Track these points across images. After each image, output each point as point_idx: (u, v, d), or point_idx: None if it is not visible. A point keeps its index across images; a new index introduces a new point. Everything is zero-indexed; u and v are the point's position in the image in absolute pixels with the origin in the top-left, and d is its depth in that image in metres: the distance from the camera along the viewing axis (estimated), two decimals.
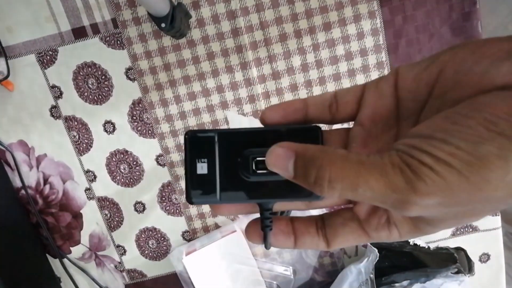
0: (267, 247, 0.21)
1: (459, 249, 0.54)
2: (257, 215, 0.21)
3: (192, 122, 0.56)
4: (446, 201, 0.15)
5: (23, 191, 0.60)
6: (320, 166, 0.16)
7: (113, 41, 0.53)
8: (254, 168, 0.20)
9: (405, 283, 0.54)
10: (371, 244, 0.55)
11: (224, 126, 0.56)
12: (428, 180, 0.15)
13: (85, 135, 0.57)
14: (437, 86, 0.18)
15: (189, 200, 0.20)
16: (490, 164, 0.14)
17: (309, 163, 0.17)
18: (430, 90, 0.18)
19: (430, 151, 0.15)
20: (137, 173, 0.59)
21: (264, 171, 0.20)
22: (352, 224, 0.21)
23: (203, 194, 0.21)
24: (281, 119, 0.21)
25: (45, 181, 0.60)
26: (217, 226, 0.62)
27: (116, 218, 0.61)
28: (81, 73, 0.55)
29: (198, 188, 0.20)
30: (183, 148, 0.20)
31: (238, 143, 0.20)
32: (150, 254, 0.63)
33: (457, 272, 0.52)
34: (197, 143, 0.20)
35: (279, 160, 0.18)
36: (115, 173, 0.59)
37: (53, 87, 0.56)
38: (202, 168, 0.20)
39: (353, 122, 0.21)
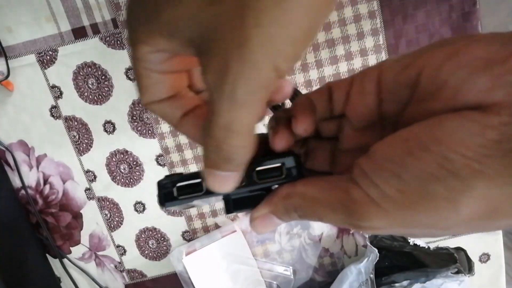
0: None
1: (459, 249, 0.54)
2: None
3: None
4: (396, 232, 0.16)
5: (23, 191, 0.60)
6: (295, 210, 0.18)
7: (113, 41, 0.53)
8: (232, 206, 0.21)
9: (405, 283, 0.54)
10: (371, 244, 0.55)
11: None
12: (374, 217, 0.15)
13: (85, 135, 0.57)
14: (416, 90, 0.16)
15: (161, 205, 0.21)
16: (437, 207, 0.14)
17: (285, 213, 0.19)
18: (411, 94, 0.16)
19: (380, 185, 0.15)
20: (137, 173, 0.59)
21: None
22: None
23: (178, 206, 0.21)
24: (312, 125, 0.20)
25: (45, 181, 0.60)
26: (217, 226, 0.62)
27: (116, 218, 0.61)
28: (81, 73, 0.55)
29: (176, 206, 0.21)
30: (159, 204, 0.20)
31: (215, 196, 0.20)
32: (150, 254, 0.63)
33: (457, 272, 0.52)
34: (174, 206, 0.20)
35: (265, 228, 0.20)
36: (115, 173, 0.59)
37: (53, 87, 0.56)
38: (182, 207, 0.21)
39: None
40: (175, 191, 0.19)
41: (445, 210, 0.14)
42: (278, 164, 0.19)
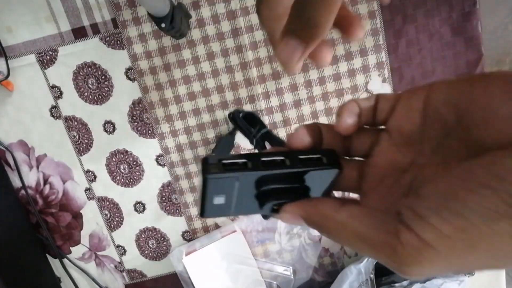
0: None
1: None
2: None
3: (192, 122, 0.56)
4: (444, 273, 0.15)
5: (23, 191, 0.60)
6: (327, 232, 0.18)
7: (113, 41, 0.53)
8: (271, 209, 0.21)
9: (405, 283, 0.54)
10: None
11: (224, 127, 0.56)
12: (427, 262, 0.14)
13: (85, 135, 0.57)
14: (465, 117, 0.16)
15: (202, 215, 0.21)
16: (501, 244, 0.13)
17: (316, 227, 0.19)
18: (459, 119, 0.16)
19: (437, 226, 0.14)
20: (137, 173, 0.59)
21: (276, 208, 0.21)
22: None
23: (217, 213, 0.21)
24: (355, 125, 0.21)
25: (45, 181, 0.60)
26: (217, 226, 0.62)
27: (116, 218, 0.61)
28: (81, 73, 0.55)
29: (213, 210, 0.21)
30: (202, 182, 0.19)
31: (258, 182, 0.20)
32: (150, 254, 0.63)
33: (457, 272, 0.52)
34: (216, 184, 0.19)
35: (290, 221, 0.20)
36: (115, 173, 0.59)
37: (53, 87, 0.56)
38: (219, 200, 0.20)
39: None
40: (220, 166, 0.19)
41: (510, 246, 0.13)
42: (318, 156, 0.21)
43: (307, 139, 0.21)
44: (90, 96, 0.56)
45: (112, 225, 0.62)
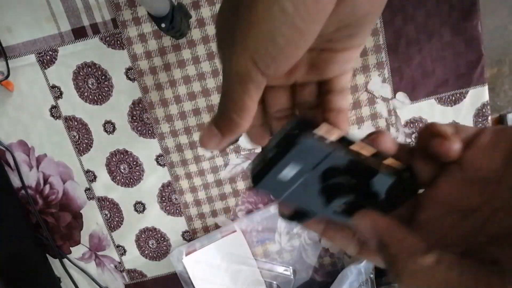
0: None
1: None
2: None
3: (192, 122, 0.56)
4: None
5: (23, 191, 0.60)
6: (396, 273, 0.16)
7: (113, 41, 0.53)
8: (336, 208, 0.19)
9: None
10: None
11: None
12: None
13: (85, 135, 0.57)
14: None
15: (255, 184, 0.19)
16: None
17: (386, 261, 0.17)
18: None
19: None
20: (137, 173, 0.59)
21: (341, 210, 0.19)
22: None
23: (270, 188, 0.19)
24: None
25: (45, 181, 0.60)
26: (217, 226, 0.62)
27: (116, 218, 0.61)
28: (81, 73, 0.55)
29: (270, 183, 0.18)
30: (285, 143, 0.17)
31: (330, 172, 0.18)
32: (150, 254, 0.63)
33: None
34: (303, 151, 0.17)
35: (367, 231, 0.18)
36: (115, 173, 0.59)
37: (53, 87, 0.56)
38: (288, 173, 0.18)
39: None
40: (312, 134, 0.17)
41: None
42: (401, 169, 0.19)
43: (395, 146, 0.20)
44: (90, 96, 0.56)
45: (112, 225, 0.62)
